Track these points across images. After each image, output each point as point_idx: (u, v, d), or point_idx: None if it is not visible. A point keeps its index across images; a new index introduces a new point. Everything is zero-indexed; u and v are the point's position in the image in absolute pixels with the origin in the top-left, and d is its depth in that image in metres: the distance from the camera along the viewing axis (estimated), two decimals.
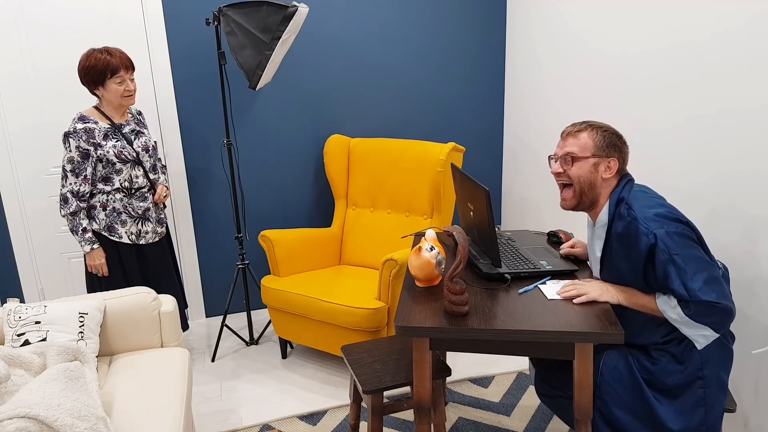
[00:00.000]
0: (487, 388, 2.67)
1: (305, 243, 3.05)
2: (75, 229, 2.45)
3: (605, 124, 1.80)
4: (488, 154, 3.79)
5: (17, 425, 1.46)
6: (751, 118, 1.98)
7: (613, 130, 1.78)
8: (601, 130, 1.77)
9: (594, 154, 1.75)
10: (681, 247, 1.60)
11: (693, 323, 1.62)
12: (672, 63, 2.33)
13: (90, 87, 2.43)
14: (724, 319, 1.61)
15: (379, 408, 1.93)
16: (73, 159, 2.39)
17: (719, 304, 1.58)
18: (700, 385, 1.69)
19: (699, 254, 1.62)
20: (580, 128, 1.79)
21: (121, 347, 2.23)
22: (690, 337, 1.67)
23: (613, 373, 1.73)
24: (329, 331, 2.71)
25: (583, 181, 1.77)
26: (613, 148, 1.76)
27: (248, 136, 3.30)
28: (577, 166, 1.77)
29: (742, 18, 1.99)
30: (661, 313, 1.67)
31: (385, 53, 3.41)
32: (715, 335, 1.65)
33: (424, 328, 1.62)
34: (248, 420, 2.50)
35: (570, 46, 2.98)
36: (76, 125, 2.39)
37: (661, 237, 1.61)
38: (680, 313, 1.62)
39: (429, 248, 1.80)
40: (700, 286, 1.58)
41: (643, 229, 1.63)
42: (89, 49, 2.42)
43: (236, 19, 2.67)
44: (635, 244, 1.65)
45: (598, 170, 1.76)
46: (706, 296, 1.58)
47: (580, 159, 1.76)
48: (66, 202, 2.42)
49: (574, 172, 1.78)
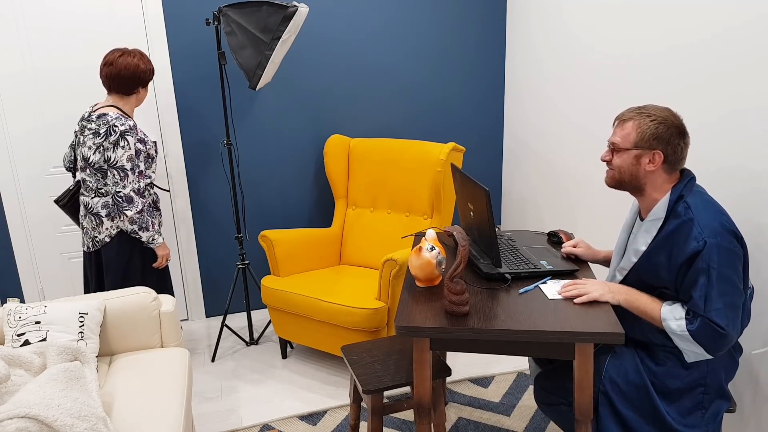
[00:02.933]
0: (487, 388, 2.67)
1: (305, 243, 3.05)
2: (146, 226, 2.44)
3: (660, 113, 1.68)
4: (488, 154, 3.79)
5: (17, 425, 1.46)
6: (753, 118, 1.98)
7: (665, 120, 1.66)
8: (650, 120, 1.67)
9: (636, 146, 1.68)
10: (723, 264, 1.57)
11: (689, 339, 1.60)
12: (673, 63, 2.33)
13: (138, 84, 2.44)
14: (720, 345, 1.58)
15: (379, 408, 1.93)
16: (132, 157, 2.36)
17: (724, 332, 1.55)
18: (701, 391, 1.69)
19: (735, 278, 1.59)
20: (630, 116, 1.71)
21: (121, 347, 2.23)
22: (681, 349, 1.65)
23: (619, 370, 1.73)
24: (329, 331, 2.71)
25: (624, 172, 1.72)
26: (659, 140, 1.65)
27: (248, 136, 3.30)
28: (618, 157, 1.72)
29: (743, 17, 1.99)
30: (660, 321, 1.65)
31: (385, 53, 3.41)
32: (707, 356, 1.62)
33: (425, 328, 1.62)
34: (248, 420, 2.50)
35: (570, 46, 2.98)
36: (128, 123, 2.36)
37: (710, 247, 1.56)
38: (682, 326, 1.60)
39: (429, 248, 1.80)
40: (719, 307, 1.56)
41: (696, 233, 1.59)
42: (135, 50, 2.44)
43: (236, 19, 2.67)
44: (682, 245, 1.61)
45: (641, 162, 1.69)
46: (718, 318, 1.55)
47: (621, 151, 1.71)
48: (131, 201, 2.38)
49: (616, 163, 1.73)
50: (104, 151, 2.35)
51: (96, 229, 2.44)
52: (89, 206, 2.44)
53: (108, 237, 2.44)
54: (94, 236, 2.46)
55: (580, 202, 3.04)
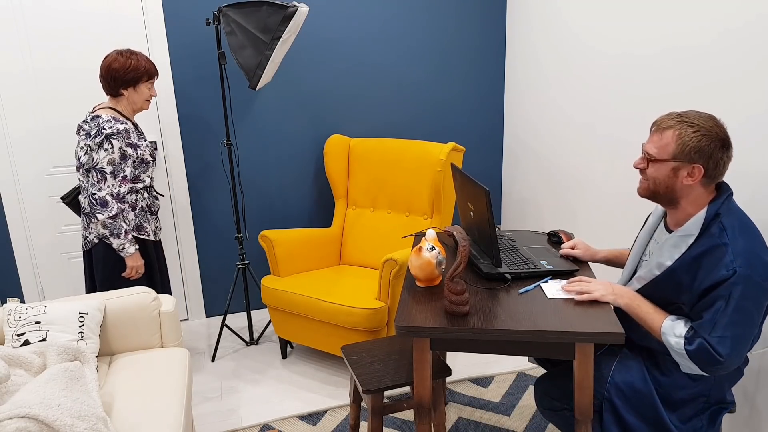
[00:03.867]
0: (487, 388, 2.66)
1: (305, 243, 3.05)
2: (117, 232, 2.37)
3: (704, 122, 1.54)
4: (488, 154, 3.79)
5: (17, 425, 1.46)
6: (755, 120, 1.98)
7: (709, 131, 1.53)
8: (692, 130, 1.53)
9: (675, 158, 1.56)
10: (746, 297, 1.49)
11: (686, 357, 1.56)
12: (674, 63, 2.33)
13: (120, 85, 2.38)
14: (716, 370, 1.54)
15: (379, 408, 1.93)
16: (114, 160, 2.33)
17: (721, 359, 1.51)
18: (703, 401, 1.69)
19: (754, 311, 1.52)
20: (670, 124, 1.57)
21: (121, 347, 2.23)
22: (677, 361, 1.62)
23: (625, 377, 1.72)
24: (329, 331, 2.71)
25: (660, 184, 1.61)
26: (700, 153, 1.53)
27: (248, 136, 3.30)
28: (654, 168, 1.61)
29: (743, 18, 1.99)
30: (659, 333, 1.61)
31: (385, 53, 3.41)
32: (702, 373, 1.58)
33: (425, 328, 1.62)
34: (248, 420, 2.50)
35: (570, 46, 2.98)
36: (117, 126, 2.32)
37: (738, 277, 1.48)
38: (680, 344, 1.56)
39: (429, 248, 1.80)
40: (726, 336, 1.50)
41: (728, 261, 1.50)
42: (126, 50, 2.40)
43: (236, 19, 2.67)
44: (711, 270, 1.53)
45: (678, 176, 1.57)
46: (720, 347, 1.50)
47: (658, 161, 1.59)
48: (105, 205, 2.33)
49: (651, 173, 1.62)
50: (89, 152, 2.34)
51: (87, 229, 2.45)
52: (82, 206, 2.46)
53: (96, 238, 2.43)
54: (85, 236, 2.47)
55: (580, 202, 3.04)
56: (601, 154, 2.82)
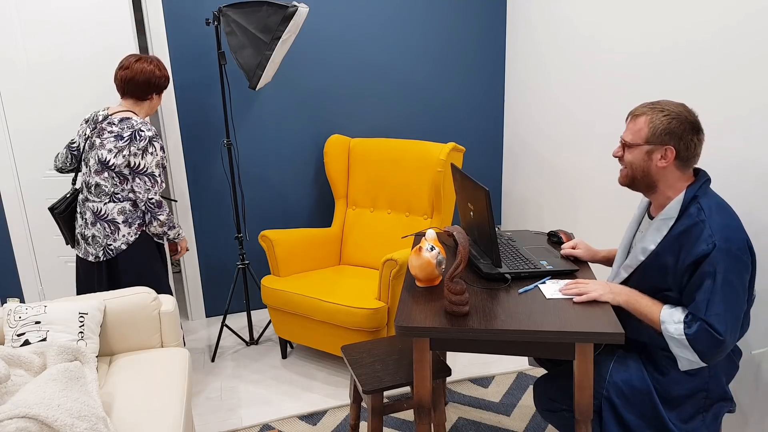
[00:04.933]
0: (487, 388, 2.67)
1: (305, 243, 3.05)
2: (174, 225, 2.50)
3: (674, 108, 1.65)
4: (488, 154, 3.79)
5: (17, 425, 1.46)
6: (755, 117, 1.98)
7: (678, 115, 1.63)
8: (662, 115, 1.64)
9: (647, 141, 1.66)
10: (730, 271, 1.55)
11: (686, 344, 1.58)
12: (676, 60, 2.33)
13: (153, 90, 2.44)
14: (716, 352, 1.56)
15: (379, 408, 1.93)
16: (159, 163, 2.38)
17: (721, 338, 1.54)
18: (702, 396, 1.69)
19: (739, 287, 1.57)
20: (643, 111, 1.68)
21: (121, 347, 2.23)
22: (675, 355, 1.63)
23: (623, 376, 1.72)
24: (329, 331, 2.71)
25: (636, 168, 1.70)
26: (671, 135, 1.63)
27: (248, 136, 3.30)
28: (630, 153, 1.70)
29: (743, 12, 1.99)
30: (659, 324, 1.63)
31: (385, 53, 3.41)
32: (700, 363, 1.60)
33: (425, 328, 1.62)
34: (248, 420, 2.50)
35: (570, 46, 2.98)
36: (153, 129, 2.37)
37: (719, 251, 1.54)
38: (680, 330, 1.59)
39: (429, 248, 1.80)
40: (720, 312, 1.54)
41: (707, 236, 1.56)
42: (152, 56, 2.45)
43: (236, 19, 2.67)
44: (691, 247, 1.59)
45: (652, 158, 1.66)
46: (718, 324, 1.54)
47: (633, 146, 1.69)
48: (161, 206, 2.40)
49: (628, 159, 1.71)
50: (129, 156, 2.32)
51: (110, 236, 2.37)
52: (101, 212, 2.36)
53: (125, 244, 2.39)
54: (107, 244, 2.38)
55: (580, 202, 3.04)
56: (601, 154, 2.82)
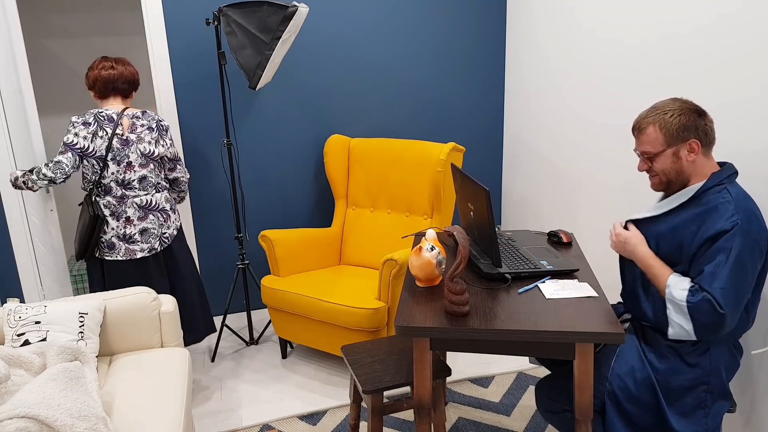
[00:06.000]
0: (487, 388, 2.67)
1: (305, 243, 3.05)
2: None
3: (672, 105, 1.69)
4: (488, 154, 3.79)
5: (17, 425, 1.46)
6: (757, 106, 1.98)
7: (681, 109, 1.67)
8: (668, 116, 1.68)
9: (669, 145, 1.69)
10: (745, 252, 1.57)
11: (684, 311, 1.61)
12: (675, 63, 2.33)
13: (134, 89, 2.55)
14: (712, 328, 1.58)
15: (379, 408, 1.93)
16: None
17: (722, 312, 1.55)
18: (703, 389, 1.69)
19: (750, 269, 1.59)
20: (647, 122, 1.71)
21: (121, 347, 2.23)
22: (670, 320, 1.66)
23: (623, 368, 1.73)
24: (329, 331, 2.71)
25: (669, 173, 1.72)
26: (688, 129, 1.66)
27: (248, 136, 3.30)
28: (657, 162, 1.72)
29: (742, 2, 1.99)
30: (664, 284, 1.66)
31: (385, 53, 3.41)
32: (691, 336, 1.62)
33: (425, 328, 1.62)
34: (248, 420, 2.50)
35: (570, 45, 2.98)
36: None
37: (738, 230, 1.56)
38: (683, 297, 1.61)
39: (429, 248, 1.80)
40: (726, 287, 1.56)
41: (730, 215, 1.59)
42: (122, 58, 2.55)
43: (236, 19, 2.67)
44: (714, 222, 1.61)
45: (681, 157, 1.69)
46: (721, 298, 1.56)
47: (657, 155, 1.71)
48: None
49: (658, 167, 1.73)
50: (167, 147, 2.52)
51: (164, 224, 2.51)
52: (151, 204, 2.48)
53: (176, 230, 2.55)
54: (162, 233, 2.50)
55: (580, 202, 3.04)
56: (602, 154, 2.82)
